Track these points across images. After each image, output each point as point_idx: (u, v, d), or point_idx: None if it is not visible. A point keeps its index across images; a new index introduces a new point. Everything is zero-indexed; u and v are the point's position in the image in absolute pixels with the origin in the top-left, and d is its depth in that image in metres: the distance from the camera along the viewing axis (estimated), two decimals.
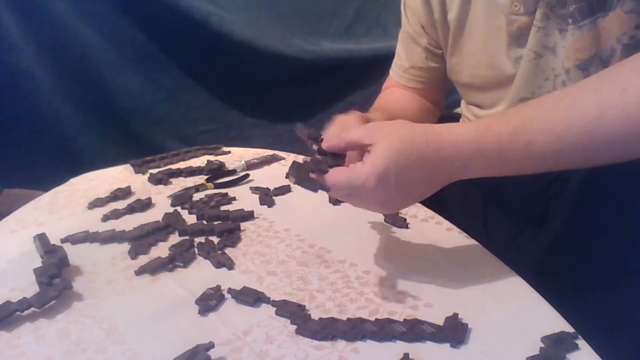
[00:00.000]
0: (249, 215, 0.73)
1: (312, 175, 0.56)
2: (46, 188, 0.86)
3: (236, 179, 0.86)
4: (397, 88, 0.95)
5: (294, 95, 1.77)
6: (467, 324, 0.49)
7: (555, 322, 0.49)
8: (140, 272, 0.60)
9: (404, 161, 0.52)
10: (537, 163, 0.52)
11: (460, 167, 0.53)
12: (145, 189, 0.84)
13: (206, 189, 0.83)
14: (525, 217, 0.76)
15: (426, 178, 0.53)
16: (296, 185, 0.81)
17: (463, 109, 0.89)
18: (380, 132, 0.54)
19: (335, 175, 0.54)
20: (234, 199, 0.79)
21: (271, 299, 0.54)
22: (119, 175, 0.91)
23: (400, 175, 0.52)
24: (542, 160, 0.51)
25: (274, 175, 0.87)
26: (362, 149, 0.55)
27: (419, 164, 0.52)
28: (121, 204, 0.78)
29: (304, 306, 0.53)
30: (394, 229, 0.68)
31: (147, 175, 0.89)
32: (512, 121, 0.52)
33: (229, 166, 0.91)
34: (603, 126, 0.48)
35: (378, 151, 0.52)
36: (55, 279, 0.57)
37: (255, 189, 0.82)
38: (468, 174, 0.54)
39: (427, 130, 0.54)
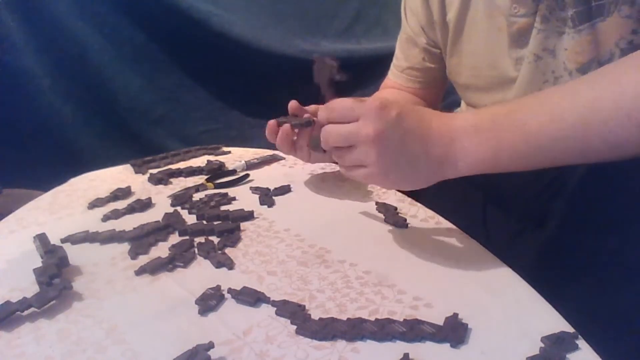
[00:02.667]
0: (249, 215, 0.73)
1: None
2: (46, 188, 0.86)
3: (236, 179, 0.86)
4: (394, 88, 0.95)
5: (294, 95, 1.77)
6: (467, 324, 0.49)
7: (555, 322, 0.49)
8: (140, 272, 0.60)
9: (408, 109, 0.55)
10: (532, 149, 0.52)
11: (455, 139, 0.54)
12: (145, 189, 0.84)
13: (206, 189, 0.83)
14: (525, 217, 0.76)
15: (422, 135, 0.54)
16: (296, 185, 0.82)
17: (463, 109, 0.89)
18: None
19: (338, 100, 0.57)
20: (234, 199, 0.79)
21: (271, 299, 0.54)
22: (119, 175, 0.91)
23: (402, 115, 0.54)
24: (537, 147, 0.52)
25: (274, 175, 0.88)
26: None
27: (419, 119, 0.55)
28: (121, 204, 0.78)
29: (304, 306, 0.53)
30: (394, 229, 0.68)
31: (147, 175, 0.89)
32: (509, 105, 0.55)
33: (229, 166, 0.91)
34: (597, 117, 0.49)
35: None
36: (55, 279, 0.57)
37: (255, 189, 0.82)
38: (463, 153, 0.54)
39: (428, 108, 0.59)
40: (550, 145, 0.51)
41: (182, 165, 0.93)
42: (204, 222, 0.71)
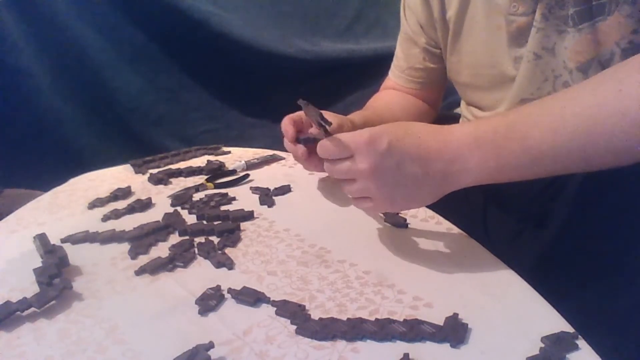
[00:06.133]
0: (249, 215, 0.73)
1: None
2: (46, 188, 0.86)
3: (236, 179, 0.86)
4: (393, 90, 0.95)
5: (294, 95, 1.77)
6: (467, 324, 0.49)
7: (555, 322, 0.49)
8: (140, 272, 0.60)
9: (400, 132, 0.54)
10: (535, 161, 0.52)
11: (456, 156, 0.53)
12: (145, 189, 0.84)
13: (206, 189, 0.83)
14: (525, 217, 0.76)
15: (420, 158, 0.54)
16: (296, 185, 0.82)
17: (463, 109, 0.89)
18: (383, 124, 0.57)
19: (331, 140, 0.57)
20: (234, 199, 0.79)
21: (271, 299, 0.54)
22: (119, 175, 0.91)
23: (394, 142, 0.53)
24: (539, 158, 0.51)
25: (274, 175, 0.88)
26: None
27: (414, 140, 0.54)
28: (121, 204, 0.78)
29: (304, 306, 0.53)
30: (394, 229, 0.68)
31: (147, 175, 0.89)
32: (509, 116, 0.54)
33: (229, 166, 0.91)
34: (599, 124, 0.48)
35: (377, 126, 0.56)
36: (55, 279, 0.58)
37: (255, 189, 0.82)
38: (465, 169, 0.54)
39: (431, 124, 0.58)
40: (552, 156, 0.51)
41: (182, 165, 0.93)
42: (204, 222, 0.71)
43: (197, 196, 0.80)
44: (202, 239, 0.67)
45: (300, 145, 0.73)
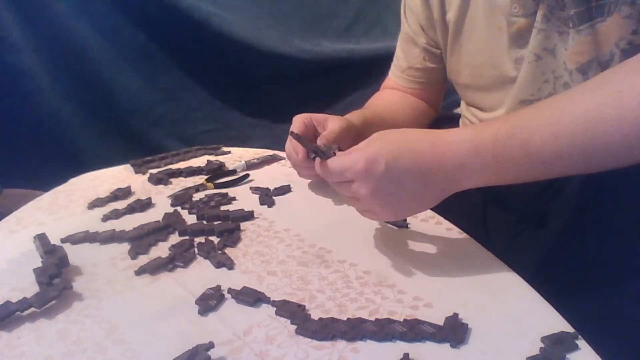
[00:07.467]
0: (249, 215, 0.73)
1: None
2: (46, 188, 0.86)
3: (236, 179, 0.86)
4: (393, 89, 0.95)
5: (294, 95, 1.77)
6: (467, 324, 0.49)
7: (555, 322, 0.49)
8: (140, 272, 0.60)
9: (396, 150, 0.54)
10: (536, 165, 0.51)
11: (457, 166, 0.53)
12: (145, 189, 0.84)
13: (206, 189, 0.83)
14: (525, 217, 0.76)
15: (420, 172, 0.54)
16: (296, 185, 0.82)
17: (463, 109, 0.89)
18: (377, 135, 0.57)
19: (331, 160, 0.58)
20: (234, 199, 0.79)
21: (271, 299, 0.54)
22: (119, 175, 0.91)
23: (391, 163, 0.53)
24: (540, 162, 0.51)
25: (274, 175, 0.88)
26: None
27: (412, 155, 0.54)
28: (121, 204, 0.78)
29: (304, 306, 0.53)
30: (394, 229, 0.68)
31: (147, 175, 0.89)
32: (509, 121, 0.53)
33: (229, 166, 0.91)
34: (600, 126, 0.48)
35: (372, 142, 0.56)
36: (55, 279, 0.58)
37: (255, 189, 0.82)
38: (466, 176, 0.54)
39: (426, 130, 0.58)
40: (553, 160, 0.50)
41: (182, 165, 0.93)
42: (204, 222, 0.71)
43: (197, 196, 0.80)
44: (202, 239, 0.67)
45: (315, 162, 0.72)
